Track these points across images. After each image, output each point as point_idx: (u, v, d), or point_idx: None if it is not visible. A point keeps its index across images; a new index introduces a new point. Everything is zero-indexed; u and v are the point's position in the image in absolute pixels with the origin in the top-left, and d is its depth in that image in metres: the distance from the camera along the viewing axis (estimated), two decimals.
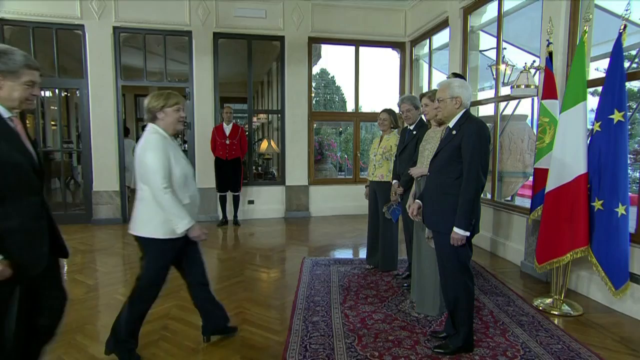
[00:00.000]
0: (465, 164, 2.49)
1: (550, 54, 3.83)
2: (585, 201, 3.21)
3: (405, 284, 3.92)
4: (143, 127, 9.79)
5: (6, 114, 1.82)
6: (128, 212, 7.25)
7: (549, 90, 3.75)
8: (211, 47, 6.87)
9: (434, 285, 3.27)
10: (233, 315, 2.98)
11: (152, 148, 2.34)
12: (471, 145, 2.46)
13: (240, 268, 4.53)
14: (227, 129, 6.46)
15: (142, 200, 2.43)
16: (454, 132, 2.59)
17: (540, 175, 3.72)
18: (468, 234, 2.50)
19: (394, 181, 3.95)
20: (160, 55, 6.95)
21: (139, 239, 2.47)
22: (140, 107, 14.69)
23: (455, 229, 2.50)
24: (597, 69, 4.79)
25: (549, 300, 3.55)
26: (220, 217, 6.84)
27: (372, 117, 7.67)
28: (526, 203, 4.69)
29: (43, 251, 1.89)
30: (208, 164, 6.74)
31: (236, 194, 6.70)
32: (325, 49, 8.71)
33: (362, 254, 4.93)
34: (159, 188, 2.32)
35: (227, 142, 6.41)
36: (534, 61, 4.35)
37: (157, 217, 2.39)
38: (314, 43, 7.51)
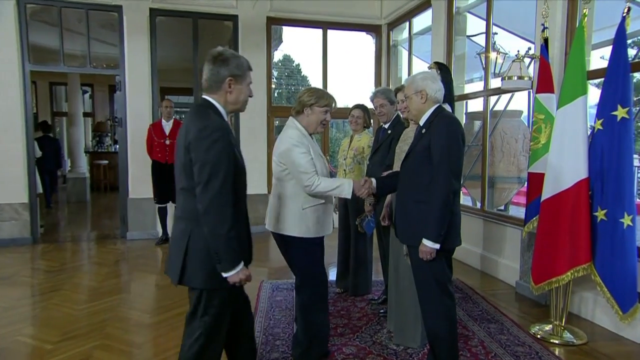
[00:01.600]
0: (434, 166, 2.55)
1: (546, 40, 3.93)
2: (586, 211, 3.28)
3: (381, 311, 3.90)
4: (40, 125, 9.30)
5: (226, 118, 2.15)
6: (41, 228, 6.92)
7: (544, 82, 3.84)
8: (147, 26, 6.68)
9: (415, 312, 3.25)
10: (173, 355, 2.86)
11: (296, 144, 2.71)
12: (439, 145, 2.53)
13: (184, 296, 4.26)
14: (167, 126, 6.31)
15: (287, 198, 2.78)
16: (423, 130, 2.66)
17: (536, 181, 3.79)
18: (438, 246, 2.54)
19: None
20: (82, 34, 6.69)
21: (283, 237, 2.81)
22: (57, 98, 14.15)
23: (424, 241, 2.55)
24: (602, 58, 4.94)
25: (548, 327, 3.61)
26: (160, 233, 6.66)
27: (343, 113, 7.63)
28: (522, 213, 4.78)
29: (250, 257, 2.30)
30: (144, 169, 6.54)
31: None
32: (288, 32, 8.68)
33: (332, 275, 4.89)
34: (309, 181, 2.68)
35: (167, 142, 6.25)
36: (529, 48, 4.45)
37: (310, 217, 2.75)
38: (274, 24, 7.46)
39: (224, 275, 2.03)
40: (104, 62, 7.92)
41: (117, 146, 7.17)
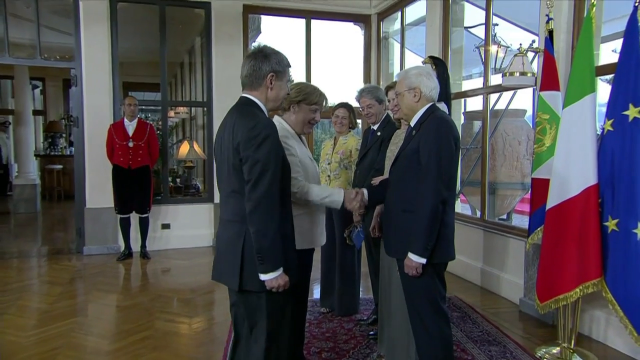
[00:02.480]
0: (422, 171, 2.57)
1: (551, 32, 3.97)
2: (596, 220, 3.30)
3: (371, 332, 3.90)
4: None
5: (267, 115, 2.32)
6: None
7: (549, 79, 3.88)
8: (107, 13, 6.62)
9: (408, 333, 3.23)
10: None
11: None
12: (428, 148, 2.55)
13: (149, 318, 4.37)
14: (130, 126, 6.27)
15: None
16: (414, 132, 2.69)
17: (540, 188, 3.82)
18: (424, 260, 2.55)
19: None
20: (31, 21, 6.61)
21: None
22: (2, 93, 13.93)
23: (409, 254, 2.56)
24: (614, 51, 5.00)
25: (555, 350, 3.63)
26: (122, 248, 6.58)
27: (328, 112, 7.68)
28: (525, 222, 4.83)
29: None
30: (103, 175, 6.47)
31: (144, 215, 6.49)
32: (267, 21, 8.69)
33: (316, 293, 4.88)
34: (296, 187, 2.64)
35: (130, 144, 6.20)
36: (533, 41, 4.51)
37: (302, 225, 2.67)
38: (251, 13, 7.46)
39: (263, 277, 2.15)
40: (57, 54, 7.79)
41: (73, 149, 7.06)
